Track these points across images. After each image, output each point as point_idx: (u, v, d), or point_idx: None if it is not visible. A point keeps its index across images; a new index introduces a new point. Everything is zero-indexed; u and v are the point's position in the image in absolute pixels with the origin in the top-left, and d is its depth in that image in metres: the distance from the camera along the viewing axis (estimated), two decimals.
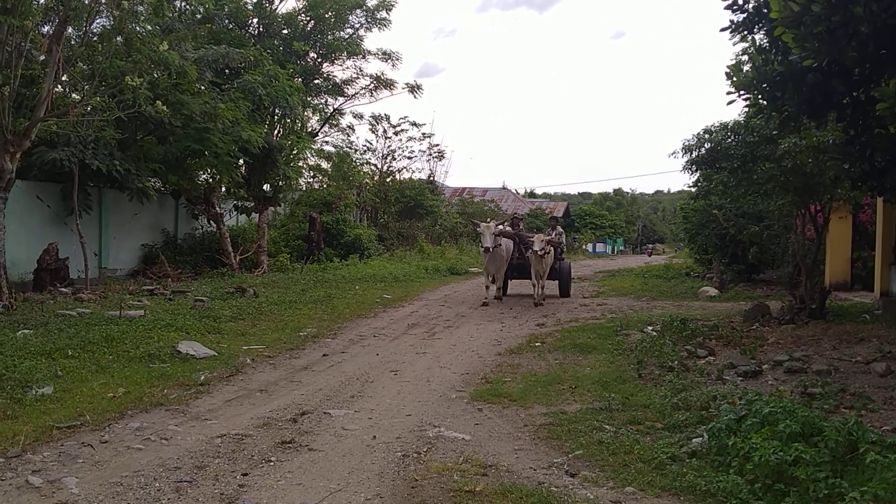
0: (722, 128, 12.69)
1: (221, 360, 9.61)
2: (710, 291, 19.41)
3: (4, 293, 12.35)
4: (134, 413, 7.06)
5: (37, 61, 14.11)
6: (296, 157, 24.18)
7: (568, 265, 20.13)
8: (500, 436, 6.61)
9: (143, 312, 12.07)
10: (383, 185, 36.01)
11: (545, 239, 17.08)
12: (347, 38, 28.36)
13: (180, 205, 21.90)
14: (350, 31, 28.78)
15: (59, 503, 4.80)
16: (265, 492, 5.11)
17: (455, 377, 9.18)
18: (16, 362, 8.09)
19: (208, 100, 17.83)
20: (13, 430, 6.18)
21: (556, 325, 13.52)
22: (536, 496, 4.97)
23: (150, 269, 19.11)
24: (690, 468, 5.47)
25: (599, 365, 9.62)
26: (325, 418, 7.11)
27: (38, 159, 15.48)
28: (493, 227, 17.01)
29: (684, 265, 30.26)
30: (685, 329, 11.40)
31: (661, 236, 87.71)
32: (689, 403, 7.12)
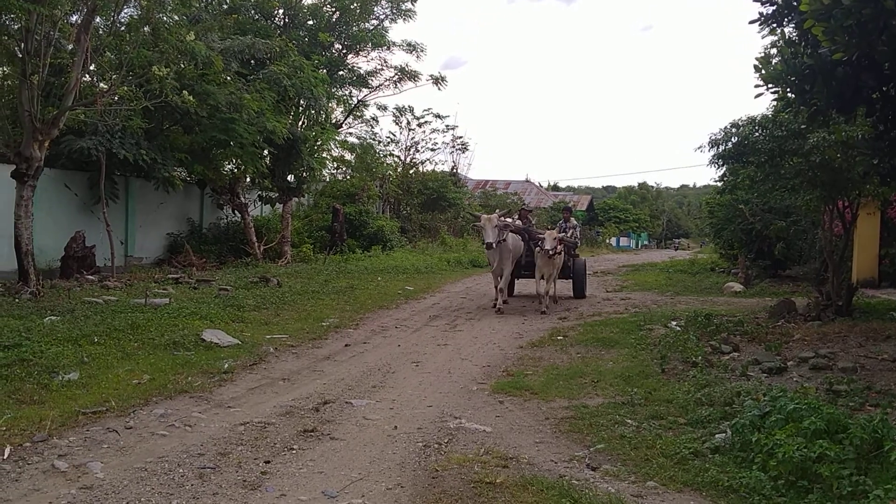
0: (749, 122, 12.55)
1: (245, 349, 9.69)
2: (735, 287, 19.23)
3: (32, 280, 12.50)
4: (158, 400, 7.14)
5: (65, 50, 14.23)
6: (320, 149, 24.26)
7: (583, 263, 17.84)
8: (521, 428, 6.61)
9: (168, 300, 12.18)
10: (406, 176, 36.01)
11: (557, 236, 14.70)
12: (372, 29, 28.44)
13: (206, 194, 22.06)
14: (375, 22, 28.87)
15: (84, 487, 4.86)
16: (287, 479, 5.15)
17: (476, 369, 9.19)
18: (43, 348, 8.19)
19: (234, 90, 17.93)
20: (40, 415, 6.26)
21: (578, 319, 13.47)
22: (557, 489, 4.96)
23: (176, 257, 19.28)
24: (713, 464, 5.45)
25: (622, 359, 9.58)
26: (346, 408, 7.14)
27: (66, 148, 15.65)
28: (494, 219, 14.34)
29: (709, 260, 30.02)
30: (709, 324, 11.31)
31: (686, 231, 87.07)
32: (713, 399, 7.08)
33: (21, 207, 12.54)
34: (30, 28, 12.13)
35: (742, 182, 15.03)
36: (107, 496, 4.73)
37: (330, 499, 4.83)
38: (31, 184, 12.69)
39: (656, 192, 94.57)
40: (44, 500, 4.64)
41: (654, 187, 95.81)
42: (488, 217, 14.37)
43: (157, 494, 4.79)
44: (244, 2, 24.58)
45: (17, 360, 7.62)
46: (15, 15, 12.05)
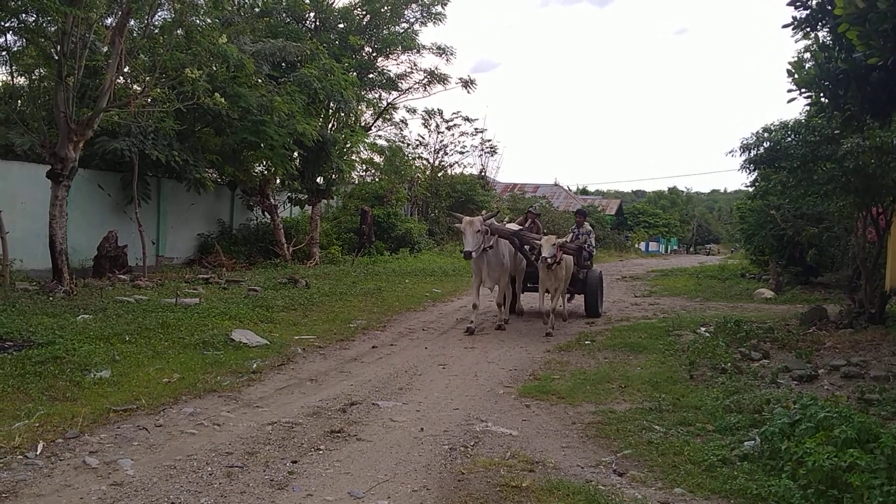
0: (782, 126, 12.43)
1: (273, 349, 9.76)
2: (765, 293, 19.01)
3: (66, 279, 12.70)
4: (188, 398, 7.22)
5: (100, 53, 14.46)
6: (349, 151, 24.38)
7: (598, 275, 14.83)
8: (547, 432, 6.58)
9: (198, 300, 12.30)
10: (435, 179, 36.08)
11: (557, 242, 11.90)
12: (402, 32, 28.55)
13: (236, 196, 22.27)
14: (405, 25, 28.99)
15: (114, 484, 4.92)
16: (314, 479, 5.18)
17: (503, 373, 9.17)
18: (76, 346, 8.32)
19: (265, 93, 18.08)
20: (72, 412, 6.36)
21: (606, 324, 13.40)
22: (583, 494, 4.94)
23: (206, 258, 19.49)
24: (742, 471, 5.40)
25: (650, 365, 9.51)
26: (373, 409, 7.17)
27: (100, 149, 15.88)
28: (477, 222, 11.74)
29: (740, 266, 29.72)
30: (739, 331, 11.19)
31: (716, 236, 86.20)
32: (742, 406, 7.01)
33: (56, 207, 12.74)
34: (66, 30, 12.33)
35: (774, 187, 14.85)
36: (136, 493, 4.79)
37: (356, 499, 4.85)
38: (66, 184, 12.89)
39: (686, 197, 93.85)
40: (75, 495, 4.71)
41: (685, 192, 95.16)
42: (469, 220, 11.82)
43: (186, 492, 4.84)
44: (276, 5, 24.80)
45: (50, 357, 7.75)
46: (51, 17, 12.25)
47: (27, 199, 14.75)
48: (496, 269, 12.37)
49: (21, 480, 4.88)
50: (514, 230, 12.68)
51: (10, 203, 13.50)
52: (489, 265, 12.23)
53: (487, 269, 12.25)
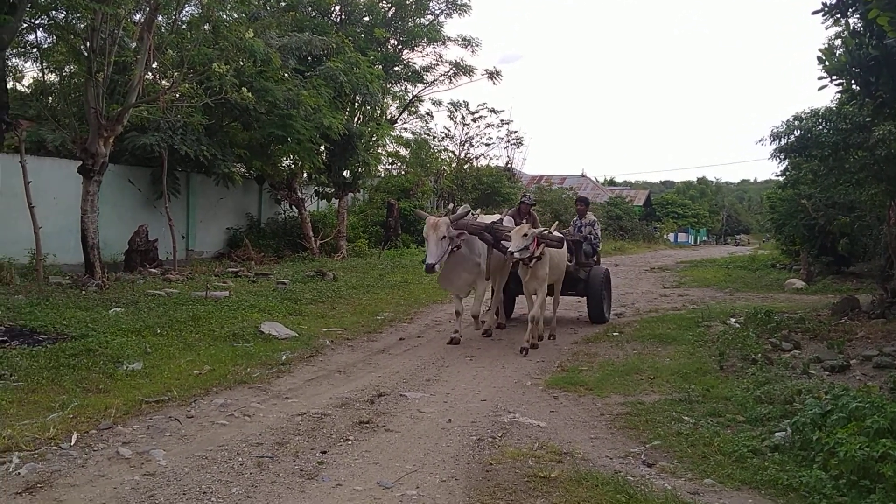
0: (812, 114, 12.25)
1: (302, 341, 9.83)
2: (796, 283, 18.80)
3: (98, 273, 12.87)
4: (218, 390, 7.30)
5: (129, 49, 14.60)
6: (375, 144, 24.42)
7: (604, 273, 12.52)
8: (575, 424, 6.57)
9: (227, 293, 12.42)
10: (461, 172, 36.04)
11: (530, 232, 9.45)
12: (428, 24, 28.51)
13: (264, 190, 22.41)
14: (430, 17, 28.95)
15: (147, 474, 4.99)
16: (343, 469, 5.22)
17: (530, 364, 9.16)
18: (108, 339, 8.45)
19: (291, 87, 18.15)
20: (105, 403, 6.45)
21: (634, 315, 13.33)
22: (612, 485, 4.93)
23: (235, 251, 19.65)
24: (772, 462, 5.36)
25: (679, 356, 9.44)
26: (401, 400, 7.20)
27: (130, 144, 16.05)
28: (442, 227, 9.52)
29: (770, 256, 29.40)
30: (770, 321, 11.06)
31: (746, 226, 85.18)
32: (773, 397, 6.94)
33: (87, 202, 12.90)
34: (95, 27, 12.47)
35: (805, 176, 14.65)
36: (169, 483, 4.85)
37: (385, 489, 4.88)
38: (97, 179, 13.05)
39: (716, 187, 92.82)
40: (109, 485, 4.78)
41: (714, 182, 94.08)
42: (434, 222, 9.59)
43: (218, 482, 4.90)
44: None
45: (83, 350, 7.89)
46: (81, 14, 12.39)
47: (59, 194, 14.96)
48: (474, 270, 10.38)
49: (56, 471, 4.96)
50: (485, 224, 10.37)
51: (42, 198, 13.68)
52: (461, 267, 10.22)
53: (459, 270, 10.23)
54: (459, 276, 10.29)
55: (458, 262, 10.10)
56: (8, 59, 14.01)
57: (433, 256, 9.43)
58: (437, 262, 9.48)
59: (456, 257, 9.99)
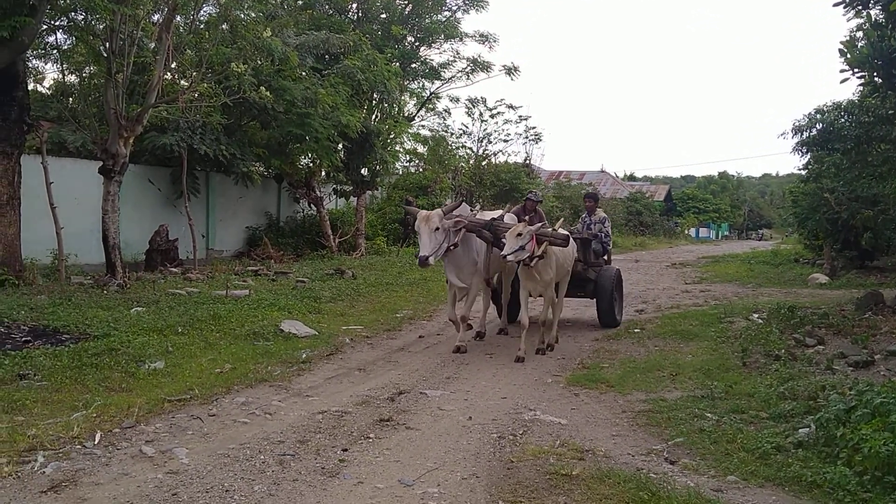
0: (834, 107, 12.13)
1: (322, 340, 9.85)
2: (820, 278, 18.63)
3: (119, 272, 12.95)
4: (240, 388, 7.33)
5: (147, 49, 14.66)
6: (393, 142, 24.40)
7: (614, 274, 11.80)
8: (597, 421, 6.54)
9: (247, 292, 12.46)
10: (479, 168, 35.91)
11: (527, 230, 8.89)
12: (445, 20, 28.46)
13: (282, 188, 22.47)
14: (447, 13, 28.91)
15: (170, 472, 5.02)
16: (364, 467, 5.22)
17: (551, 361, 9.13)
18: (130, 338, 8.50)
19: (309, 85, 18.17)
20: (128, 402, 6.50)
21: (656, 312, 13.25)
22: (634, 482, 4.89)
23: (254, 250, 19.71)
24: (796, 458, 5.32)
25: (701, 352, 9.38)
26: (421, 398, 7.19)
27: (150, 144, 16.13)
28: (435, 219, 9.04)
29: (793, 251, 29.15)
30: (793, 317, 10.96)
31: (768, 221, 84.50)
32: (796, 393, 6.88)
33: (108, 202, 12.98)
34: (114, 28, 12.54)
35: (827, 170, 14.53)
36: (192, 481, 4.87)
37: (406, 487, 4.88)
38: (118, 179, 13.13)
39: (737, 182, 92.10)
40: (132, 484, 4.81)
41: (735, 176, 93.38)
42: (426, 215, 9.12)
43: (240, 480, 4.91)
44: None
45: (106, 349, 7.94)
46: (100, 15, 12.46)
47: (80, 194, 15.07)
48: (466, 271, 9.78)
49: (80, 469, 5.00)
50: (484, 221, 9.72)
51: (64, 199, 13.78)
52: (457, 267, 9.69)
53: (456, 271, 9.69)
54: (458, 274, 9.73)
55: (455, 261, 9.60)
56: (28, 61, 14.13)
57: (426, 248, 8.97)
58: (432, 255, 8.99)
59: (454, 256, 9.52)
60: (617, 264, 13.07)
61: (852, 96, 12.58)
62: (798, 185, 25.37)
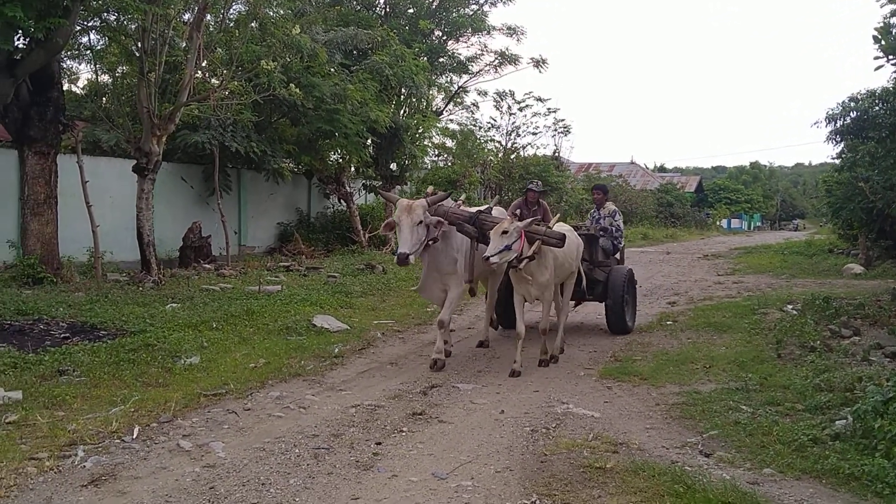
0: (869, 95, 11.94)
1: (354, 334, 9.91)
2: (855, 269, 18.36)
3: (154, 269, 13.12)
4: (274, 382, 7.40)
5: (179, 48, 14.82)
6: (421, 136, 24.41)
7: (626, 275, 10.46)
8: (630, 414, 6.52)
9: (280, 288, 12.57)
10: (507, 162, 35.84)
11: (512, 227, 7.67)
12: (472, 14, 28.38)
13: (312, 184, 22.58)
14: (475, 7, 28.82)
15: (207, 466, 5.09)
16: (398, 461, 5.25)
17: (582, 354, 9.11)
18: (166, 334, 8.62)
19: (338, 81, 18.24)
20: (164, 397, 6.59)
21: (688, 304, 13.15)
22: (669, 475, 4.87)
23: (286, 246, 19.85)
24: (833, 451, 5.25)
25: (735, 344, 9.30)
26: (453, 391, 7.22)
27: (182, 142, 16.29)
28: (418, 209, 7.91)
29: (827, 241, 28.73)
30: (828, 308, 10.82)
31: (801, 211, 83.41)
32: (833, 385, 6.80)
33: (142, 200, 13.15)
34: (146, 27, 12.70)
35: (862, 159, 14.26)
36: (228, 474, 4.94)
37: (440, 480, 4.90)
38: (151, 177, 13.29)
39: (769, 172, 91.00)
40: (170, 477, 4.88)
41: (767, 166, 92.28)
42: (407, 205, 7.98)
43: (276, 473, 4.97)
44: None
45: (142, 345, 8.06)
46: (132, 15, 12.63)
47: (115, 193, 15.28)
48: (444, 269, 8.60)
49: (119, 463, 5.09)
50: (469, 214, 8.48)
51: (99, 197, 13.96)
52: (434, 265, 8.57)
53: (432, 270, 8.60)
54: (434, 279, 8.64)
55: (431, 259, 8.50)
56: (63, 62, 14.34)
57: (407, 244, 7.84)
58: (413, 253, 7.90)
59: (431, 254, 8.41)
60: (648, 256, 12.99)
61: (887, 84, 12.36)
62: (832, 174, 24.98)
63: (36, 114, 12.27)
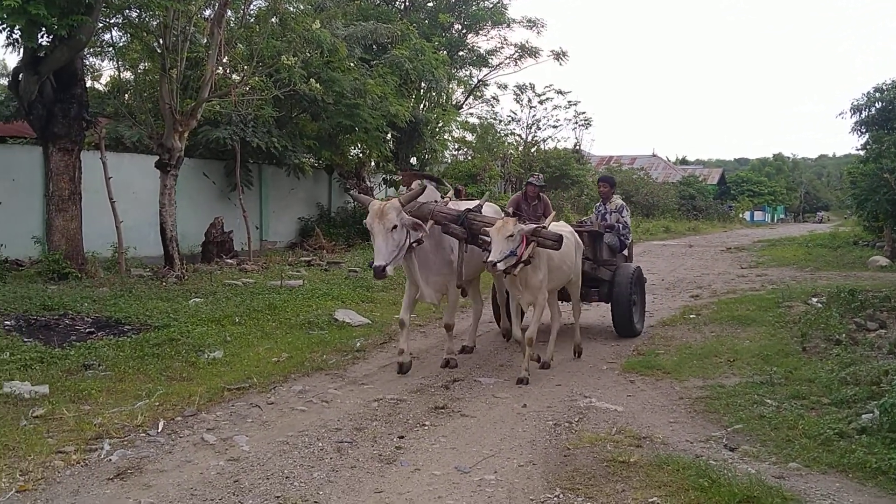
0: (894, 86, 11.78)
1: (375, 328, 9.94)
2: (880, 261, 18.11)
3: (177, 264, 13.22)
4: (297, 377, 7.44)
5: (200, 44, 14.89)
6: (441, 130, 24.42)
7: (634, 273, 9.72)
8: (653, 408, 6.48)
9: (301, 282, 12.61)
10: (528, 155, 35.75)
11: (516, 231, 6.90)
12: (492, 7, 28.28)
13: (333, 179, 22.63)
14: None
15: (231, 459, 5.12)
16: (421, 454, 5.26)
17: (605, 348, 9.07)
18: (189, 328, 8.69)
19: (358, 76, 18.26)
20: (189, 391, 6.64)
21: (711, 297, 13.04)
22: (694, 469, 4.83)
23: (307, 241, 19.91)
24: (860, 445, 5.19)
25: (759, 337, 9.21)
26: (475, 385, 7.21)
27: (204, 138, 16.39)
28: (391, 212, 7.03)
29: (852, 233, 28.40)
30: (854, 300, 10.67)
31: (825, 203, 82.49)
32: (859, 378, 6.72)
33: (165, 196, 13.25)
34: (167, 24, 12.79)
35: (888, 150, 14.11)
36: (253, 468, 4.96)
37: (463, 474, 4.90)
38: (174, 173, 13.38)
39: (792, 163, 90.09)
40: (195, 471, 4.92)
41: (791, 158, 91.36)
42: (380, 208, 7.10)
43: (299, 467, 4.99)
44: None
45: (166, 339, 8.12)
46: (154, 12, 12.71)
47: (138, 189, 15.39)
48: (438, 271, 7.79)
49: (145, 457, 5.13)
50: (456, 212, 7.59)
51: (122, 193, 14.07)
52: (427, 268, 7.69)
53: (425, 273, 7.68)
54: (427, 280, 7.74)
55: (422, 262, 7.61)
56: (86, 59, 14.45)
57: (382, 255, 6.94)
58: (391, 263, 7.02)
59: (420, 255, 7.52)
60: (670, 249, 12.84)
61: None
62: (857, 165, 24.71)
63: (60, 111, 12.38)
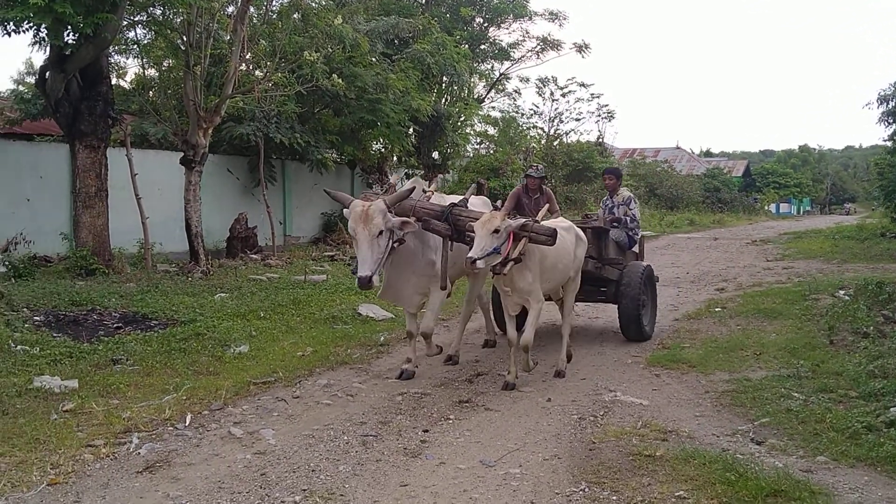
0: None
1: (398, 323, 9.95)
2: None
3: (202, 260, 13.33)
4: (321, 371, 7.48)
5: (223, 41, 14.98)
6: (463, 124, 24.37)
7: (643, 272, 8.95)
8: (679, 402, 6.45)
9: (325, 277, 12.68)
10: (550, 148, 35.61)
11: (502, 227, 6.28)
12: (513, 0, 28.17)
13: (355, 174, 22.69)
14: None
15: (258, 453, 5.16)
16: (445, 448, 5.27)
17: (630, 343, 9.02)
18: (215, 323, 8.77)
19: (380, 71, 18.27)
20: (215, 385, 6.71)
21: (737, 290, 12.94)
22: (721, 463, 4.81)
23: (330, 236, 19.99)
24: (888, 438, 5.16)
25: (786, 331, 9.13)
26: (499, 379, 7.20)
27: (227, 134, 16.50)
28: (376, 215, 6.34)
29: (879, 225, 28.03)
30: (882, 293, 10.54)
31: (852, 195, 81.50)
32: (887, 371, 6.66)
33: (190, 192, 13.37)
34: (191, 21, 12.88)
35: None
36: (279, 461, 5.00)
37: (488, 468, 4.90)
38: (198, 169, 13.49)
39: (819, 155, 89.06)
40: (223, 464, 4.96)
41: (817, 149, 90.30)
42: (363, 210, 6.40)
43: (325, 460, 5.02)
44: None
45: (193, 334, 8.21)
46: (177, 9, 12.81)
47: (163, 185, 15.54)
48: (419, 273, 7.17)
49: (173, 450, 5.19)
50: (440, 207, 6.96)
51: (148, 189, 14.21)
52: (407, 267, 7.09)
53: (406, 273, 7.12)
54: (407, 281, 7.16)
55: (403, 261, 6.98)
56: (111, 57, 14.59)
57: (367, 264, 6.33)
58: (375, 273, 6.39)
59: (400, 256, 6.85)
60: (695, 242, 12.65)
61: None
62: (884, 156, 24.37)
63: (86, 108, 12.51)
